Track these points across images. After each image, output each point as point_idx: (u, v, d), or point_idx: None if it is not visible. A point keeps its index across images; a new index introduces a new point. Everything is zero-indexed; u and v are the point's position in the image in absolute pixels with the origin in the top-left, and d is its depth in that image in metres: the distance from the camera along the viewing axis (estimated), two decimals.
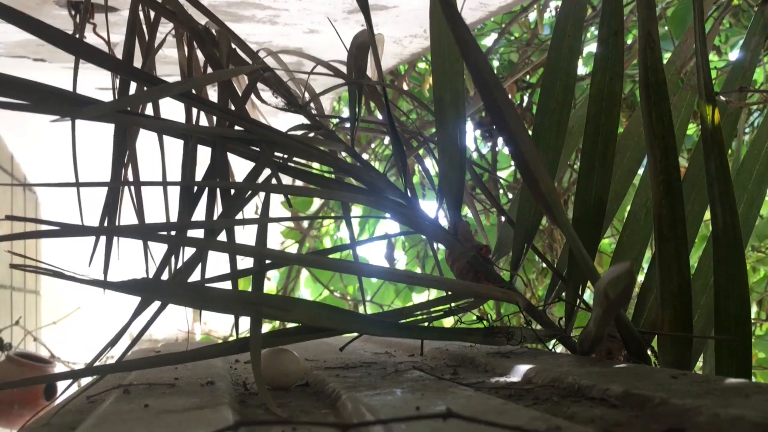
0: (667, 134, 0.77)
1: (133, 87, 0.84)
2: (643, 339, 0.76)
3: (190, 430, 0.44)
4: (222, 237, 0.76)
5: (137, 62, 0.86)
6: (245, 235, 0.82)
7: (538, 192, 0.58)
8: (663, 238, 0.77)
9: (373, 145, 2.74)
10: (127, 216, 0.89)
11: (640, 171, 1.00)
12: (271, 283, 3.21)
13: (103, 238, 0.78)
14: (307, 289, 3.15)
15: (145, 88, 0.74)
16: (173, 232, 0.71)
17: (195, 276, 0.73)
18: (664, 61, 0.86)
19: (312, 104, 0.99)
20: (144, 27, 0.94)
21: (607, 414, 0.48)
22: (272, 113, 1.18)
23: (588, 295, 1.31)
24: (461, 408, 0.49)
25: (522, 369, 0.66)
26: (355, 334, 0.83)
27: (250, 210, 1.82)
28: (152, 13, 0.93)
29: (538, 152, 0.64)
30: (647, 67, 0.77)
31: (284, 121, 0.95)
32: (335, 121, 1.09)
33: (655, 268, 0.79)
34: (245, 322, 0.76)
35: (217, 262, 0.79)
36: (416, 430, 0.41)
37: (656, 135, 0.77)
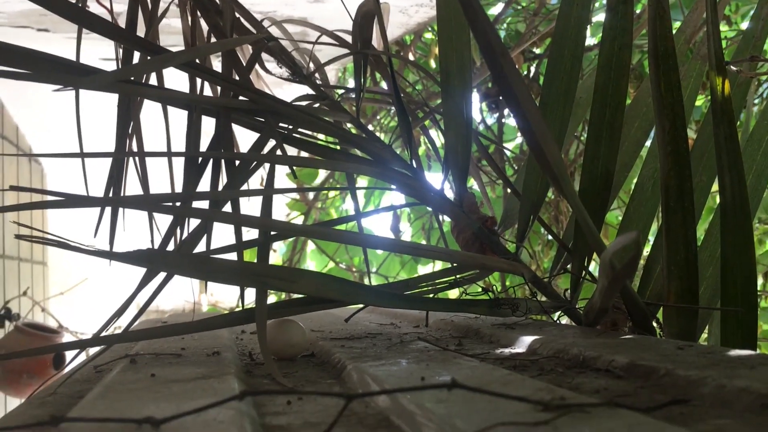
0: (676, 104, 0.76)
1: (136, 57, 0.84)
2: (649, 310, 0.76)
3: (197, 399, 0.45)
4: (227, 208, 0.76)
5: (140, 32, 0.85)
6: (250, 207, 0.82)
7: (545, 162, 0.58)
8: (670, 209, 0.76)
9: (378, 117, 2.73)
10: (131, 187, 0.88)
11: (647, 143, 0.99)
12: (276, 255, 3.22)
13: (108, 209, 0.77)
14: (312, 261, 3.16)
15: (149, 58, 0.73)
16: (178, 203, 0.71)
17: (200, 247, 0.73)
18: (674, 31, 0.85)
19: (317, 74, 0.98)
20: None
21: (612, 385, 0.48)
22: (277, 84, 1.17)
23: (594, 268, 1.30)
24: (466, 379, 0.49)
25: (527, 340, 0.66)
26: (361, 306, 0.83)
27: (255, 182, 1.82)
28: None
29: (546, 122, 0.63)
30: (656, 36, 0.76)
31: (289, 93, 0.94)
32: (340, 91, 1.08)
33: (662, 240, 0.78)
34: (251, 294, 0.76)
35: (223, 234, 0.79)
36: (421, 400, 0.41)
37: (665, 105, 0.76)
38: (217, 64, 1.01)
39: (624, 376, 0.51)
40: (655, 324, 0.81)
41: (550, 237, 2.68)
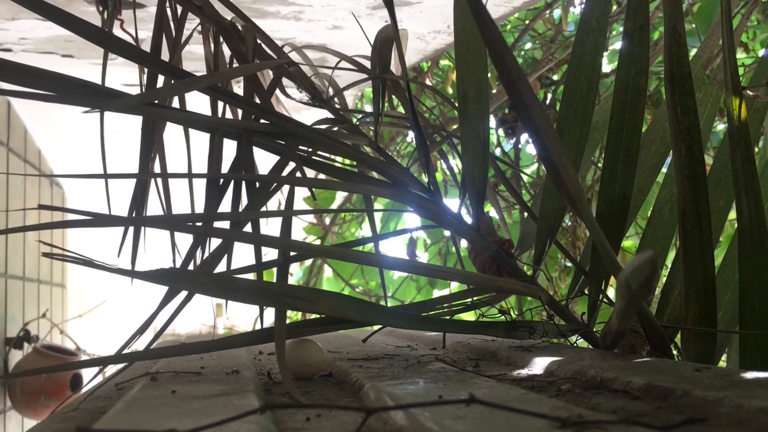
0: (692, 128, 0.76)
1: (159, 82, 0.86)
2: (667, 334, 0.76)
3: (218, 414, 0.45)
4: (247, 229, 0.77)
5: (164, 58, 0.87)
6: (269, 231, 0.83)
7: (562, 185, 0.58)
8: (687, 232, 0.76)
9: (395, 142, 2.75)
10: (152, 209, 0.90)
11: (664, 170, 1.00)
12: (293, 280, 3.23)
13: (131, 229, 0.79)
14: (328, 287, 3.16)
15: (173, 82, 0.75)
16: (200, 224, 0.72)
17: (221, 267, 0.74)
18: (690, 57, 0.86)
19: (335, 99, 0.99)
20: (171, 22, 0.95)
21: (629, 405, 0.48)
22: (295, 110, 1.19)
23: (612, 294, 1.30)
24: (483, 397, 0.49)
25: (544, 362, 0.66)
26: (378, 327, 0.84)
27: (273, 206, 1.83)
28: (179, 9, 0.94)
29: (563, 144, 0.64)
30: (673, 62, 0.77)
31: (307, 119, 0.96)
32: (358, 116, 1.09)
33: (679, 264, 0.78)
34: (268, 316, 0.77)
35: (242, 256, 0.80)
36: (439, 417, 0.41)
37: (681, 129, 0.76)
38: (238, 90, 1.03)
39: (641, 397, 0.51)
40: (673, 349, 0.80)
41: (566, 264, 2.67)
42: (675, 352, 0.81)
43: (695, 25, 2.02)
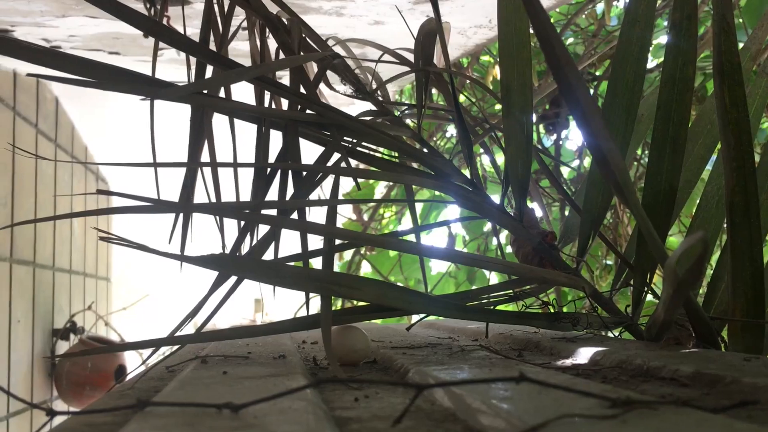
0: (741, 119, 0.75)
1: (208, 74, 0.87)
2: (714, 325, 0.75)
3: (269, 392, 0.46)
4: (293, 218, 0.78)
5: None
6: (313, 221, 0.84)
7: (609, 172, 0.58)
8: (735, 225, 0.75)
9: (434, 138, 2.75)
10: (198, 197, 0.92)
11: (708, 167, 0.98)
12: None
13: (180, 217, 0.81)
14: None
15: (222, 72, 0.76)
16: (248, 211, 0.73)
17: (268, 255, 0.75)
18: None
19: (379, 91, 1.00)
20: (218, 17, 0.97)
21: (677, 391, 0.48)
22: (338, 106, 1.20)
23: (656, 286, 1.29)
24: None
25: (588, 352, 0.66)
26: (421, 316, 0.84)
27: (316, 198, 1.85)
28: (226, 3, 0.96)
29: (609, 132, 0.64)
30: (721, 51, 0.76)
31: (350, 113, 0.97)
32: (400, 109, 1.10)
33: (726, 257, 0.78)
34: (310, 308, 0.78)
35: (288, 245, 0.81)
36: (487, 397, 0.42)
37: (730, 120, 0.75)
38: (283, 82, 1.04)
39: (689, 384, 0.51)
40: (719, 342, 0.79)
41: (607, 262, 2.64)
42: (722, 346, 0.80)
43: (742, 20, 1.98)
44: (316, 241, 0.85)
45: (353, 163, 0.89)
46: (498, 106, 2.44)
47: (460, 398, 0.44)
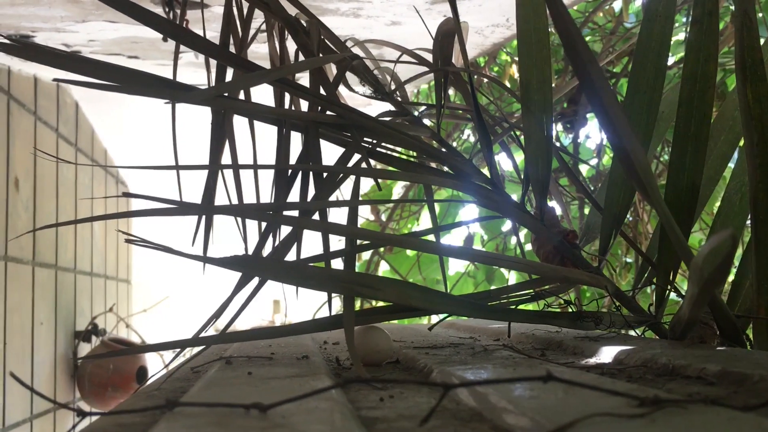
0: (764, 115, 0.75)
1: (228, 77, 0.88)
2: (739, 323, 0.74)
3: (295, 392, 0.46)
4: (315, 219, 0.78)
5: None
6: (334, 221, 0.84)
7: (632, 169, 0.58)
8: (760, 222, 0.75)
9: (452, 139, 2.75)
10: (219, 200, 0.93)
11: (731, 164, 0.97)
12: None
13: (202, 221, 0.81)
14: None
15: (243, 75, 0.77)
16: (270, 212, 0.74)
17: (290, 256, 0.76)
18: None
19: (398, 92, 1.00)
20: (237, 21, 0.97)
21: (704, 390, 0.48)
22: (357, 105, 1.20)
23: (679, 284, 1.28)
24: None
25: (612, 351, 0.66)
26: (442, 316, 0.84)
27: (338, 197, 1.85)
28: (245, 6, 0.97)
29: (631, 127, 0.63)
30: (744, 47, 0.75)
31: (369, 113, 0.97)
32: (421, 108, 1.10)
33: (751, 255, 0.77)
34: (330, 309, 0.78)
35: (309, 246, 0.82)
36: (512, 395, 0.42)
37: (753, 116, 0.75)
38: (303, 84, 1.05)
39: (716, 382, 0.50)
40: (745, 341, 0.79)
41: (627, 260, 2.63)
42: (747, 345, 0.79)
43: (763, 16, 1.96)
44: (334, 242, 0.86)
45: (372, 163, 0.89)
46: (516, 105, 2.44)
47: (485, 398, 0.44)
